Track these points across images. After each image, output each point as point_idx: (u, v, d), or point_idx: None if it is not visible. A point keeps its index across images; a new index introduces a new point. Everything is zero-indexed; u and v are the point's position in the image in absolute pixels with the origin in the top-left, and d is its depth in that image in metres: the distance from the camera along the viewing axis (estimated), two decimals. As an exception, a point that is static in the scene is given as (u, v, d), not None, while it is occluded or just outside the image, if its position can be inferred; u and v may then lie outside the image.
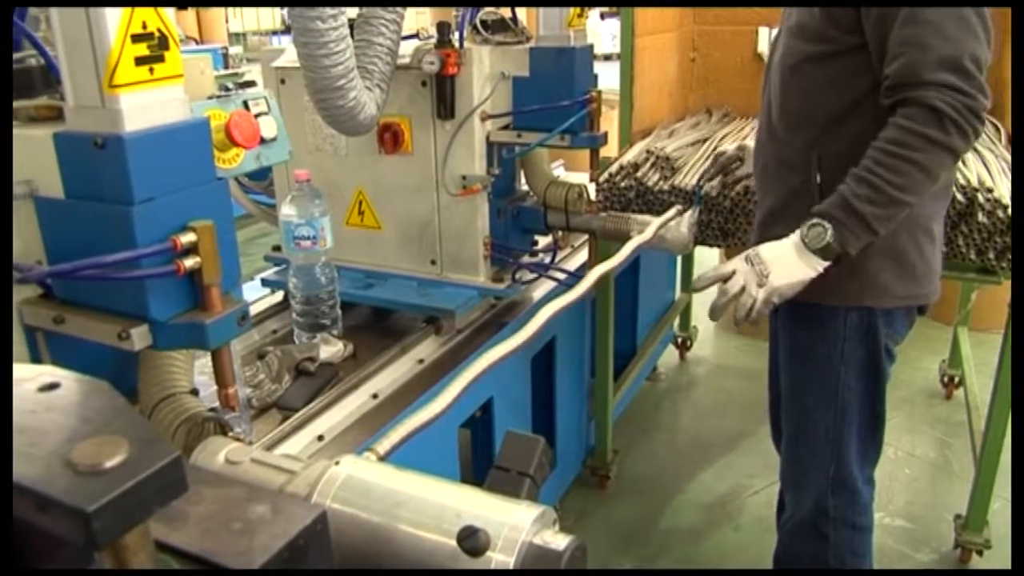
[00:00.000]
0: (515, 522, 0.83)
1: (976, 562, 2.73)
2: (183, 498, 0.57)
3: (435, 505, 0.89)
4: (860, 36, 1.66)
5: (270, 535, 0.65)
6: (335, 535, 0.80)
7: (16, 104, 1.28)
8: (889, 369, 1.93)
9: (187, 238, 1.12)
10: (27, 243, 1.26)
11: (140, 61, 1.09)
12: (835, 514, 2.00)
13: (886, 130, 1.61)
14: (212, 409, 1.29)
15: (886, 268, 1.79)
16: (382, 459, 1.07)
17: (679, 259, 3.93)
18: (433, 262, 2.33)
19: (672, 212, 2.23)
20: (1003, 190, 2.05)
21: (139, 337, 1.16)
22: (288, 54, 2.30)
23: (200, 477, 0.75)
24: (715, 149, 2.71)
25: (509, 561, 0.81)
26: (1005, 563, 2.63)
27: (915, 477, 3.26)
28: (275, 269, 2.46)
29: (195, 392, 1.37)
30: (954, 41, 1.53)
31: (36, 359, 1.32)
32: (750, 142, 2.17)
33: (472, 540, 0.80)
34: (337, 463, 0.96)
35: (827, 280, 1.73)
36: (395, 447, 1.10)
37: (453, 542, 0.82)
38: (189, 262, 1.12)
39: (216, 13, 15.41)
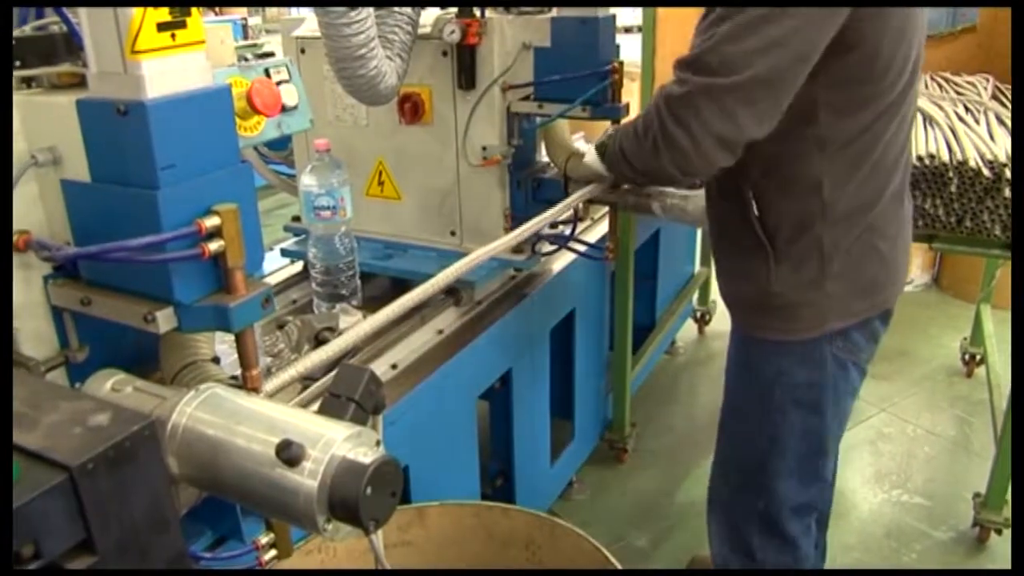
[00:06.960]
0: (329, 437, 0.97)
1: (994, 541, 2.73)
2: (41, 408, 0.82)
3: (267, 421, 1.02)
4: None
5: (101, 437, 0.79)
6: (186, 448, 1.03)
7: (38, 71, 1.29)
8: (858, 383, 1.81)
9: (212, 221, 1.12)
10: (51, 212, 1.27)
11: (162, 27, 1.09)
12: (762, 557, 1.89)
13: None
14: (233, 377, 1.30)
15: (840, 292, 1.66)
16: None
17: (699, 232, 3.91)
18: (453, 233, 2.33)
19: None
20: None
21: (164, 319, 1.18)
22: (308, 23, 2.29)
23: (64, 394, 0.93)
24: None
25: (318, 470, 0.94)
26: (1024, 541, 2.63)
27: (934, 455, 3.25)
28: (295, 239, 2.46)
29: (216, 360, 1.38)
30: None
31: (63, 339, 1.34)
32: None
33: (288, 452, 0.93)
34: (198, 390, 1.09)
35: (778, 317, 1.70)
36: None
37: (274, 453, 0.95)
38: (214, 245, 1.13)
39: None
